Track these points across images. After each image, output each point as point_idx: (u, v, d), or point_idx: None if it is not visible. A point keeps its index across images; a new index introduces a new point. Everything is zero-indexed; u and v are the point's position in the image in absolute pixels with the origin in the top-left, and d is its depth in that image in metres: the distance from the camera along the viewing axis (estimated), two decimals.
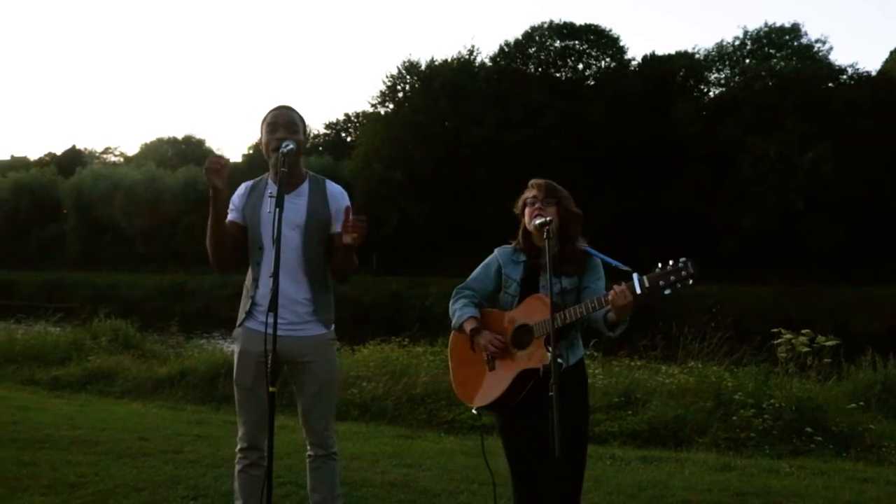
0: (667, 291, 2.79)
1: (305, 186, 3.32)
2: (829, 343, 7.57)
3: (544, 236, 2.99)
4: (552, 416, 2.66)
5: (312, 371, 3.30)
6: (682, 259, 2.81)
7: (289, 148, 3.10)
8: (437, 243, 42.69)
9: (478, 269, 3.43)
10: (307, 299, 3.28)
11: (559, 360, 2.94)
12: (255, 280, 3.28)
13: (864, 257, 33.89)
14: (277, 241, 2.91)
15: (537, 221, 3.12)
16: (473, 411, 3.38)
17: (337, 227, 3.29)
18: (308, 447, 3.40)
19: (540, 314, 3.06)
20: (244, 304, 3.34)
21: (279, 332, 2.90)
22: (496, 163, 40.89)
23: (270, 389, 2.88)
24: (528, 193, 3.26)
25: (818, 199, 34.85)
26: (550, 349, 2.89)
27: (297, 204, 3.25)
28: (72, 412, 7.31)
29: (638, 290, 2.80)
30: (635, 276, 2.83)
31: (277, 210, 2.94)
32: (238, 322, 3.35)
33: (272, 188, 3.24)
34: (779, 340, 7.81)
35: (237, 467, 3.36)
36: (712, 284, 31.59)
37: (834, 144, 34.68)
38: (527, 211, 3.24)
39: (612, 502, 4.41)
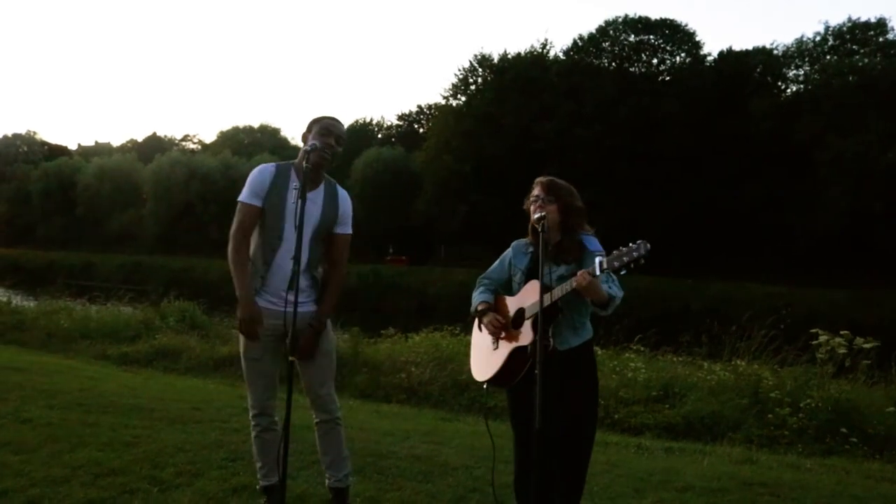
0: (623, 271, 3.05)
1: (322, 188, 3.66)
2: (868, 345, 7.50)
3: (540, 230, 3.29)
4: (536, 392, 2.96)
5: None
6: (639, 241, 3.05)
7: (313, 144, 3.48)
8: (505, 236, 42.56)
9: (495, 262, 3.78)
10: (308, 285, 3.64)
11: (549, 341, 3.24)
12: (268, 263, 3.59)
13: None
14: (300, 230, 3.30)
15: (535, 216, 3.40)
16: (484, 387, 3.71)
17: (341, 229, 3.69)
18: (314, 415, 3.75)
19: (532, 297, 3.34)
20: (253, 283, 3.62)
21: (287, 309, 3.31)
22: (567, 157, 40.46)
23: (290, 358, 3.30)
24: (533, 191, 3.54)
25: None
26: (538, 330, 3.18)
27: (315, 203, 3.59)
28: (135, 384, 7.82)
29: (597, 272, 3.06)
30: (596, 259, 3.09)
31: (300, 202, 3.32)
32: None
33: (296, 181, 3.59)
34: (817, 341, 7.76)
35: (252, 433, 3.74)
36: (782, 285, 30.89)
37: None
38: (531, 208, 3.52)
39: (618, 484, 4.61)
